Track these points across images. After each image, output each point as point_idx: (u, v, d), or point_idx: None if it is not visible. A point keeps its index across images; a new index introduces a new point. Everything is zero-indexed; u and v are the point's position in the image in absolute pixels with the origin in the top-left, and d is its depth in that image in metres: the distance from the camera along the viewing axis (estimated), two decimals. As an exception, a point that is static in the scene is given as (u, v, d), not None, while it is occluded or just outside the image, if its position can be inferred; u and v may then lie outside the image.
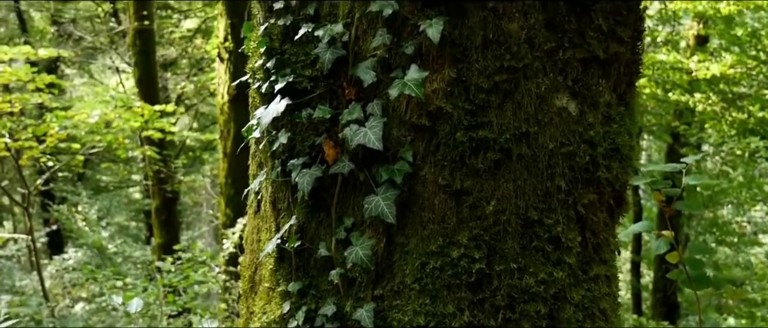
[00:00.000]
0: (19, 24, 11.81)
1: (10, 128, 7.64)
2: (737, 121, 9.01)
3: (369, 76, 1.56)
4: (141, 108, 8.08)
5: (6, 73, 7.51)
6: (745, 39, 8.69)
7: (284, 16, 1.66)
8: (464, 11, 1.54)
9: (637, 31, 1.72)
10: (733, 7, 7.60)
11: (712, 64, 8.30)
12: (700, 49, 9.35)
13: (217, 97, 7.94)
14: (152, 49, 9.39)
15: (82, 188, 11.71)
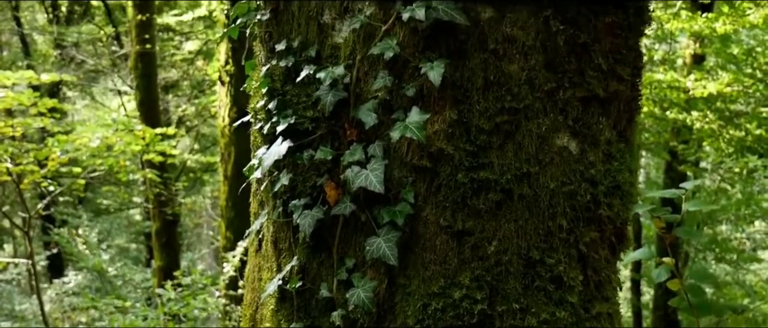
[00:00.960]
0: (22, 47, 11.88)
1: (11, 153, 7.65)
2: (735, 139, 9.03)
3: (370, 119, 1.57)
4: (142, 131, 8.11)
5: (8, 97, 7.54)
6: (741, 57, 8.73)
7: (286, 58, 1.68)
8: (465, 53, 1.55)
9: (637, 69, 1.74)
10: (729, 26, 7.64)
11: (709, 83, 8.33)
12: (696, 68, 9.38)
13: (218, 120, 7.96)
14: (154, 72, 9.44)
15: (83, 210, 11.71)
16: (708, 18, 7.74)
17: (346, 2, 1.60)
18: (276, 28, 1.71)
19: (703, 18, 7.76)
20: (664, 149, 10.63)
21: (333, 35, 1.63)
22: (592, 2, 1.58)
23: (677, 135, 10.06)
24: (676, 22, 7.83)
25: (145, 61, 9.14)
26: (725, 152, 8.98)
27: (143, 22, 9.02)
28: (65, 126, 8.21)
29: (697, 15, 7.86)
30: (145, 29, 9.09)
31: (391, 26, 1.56)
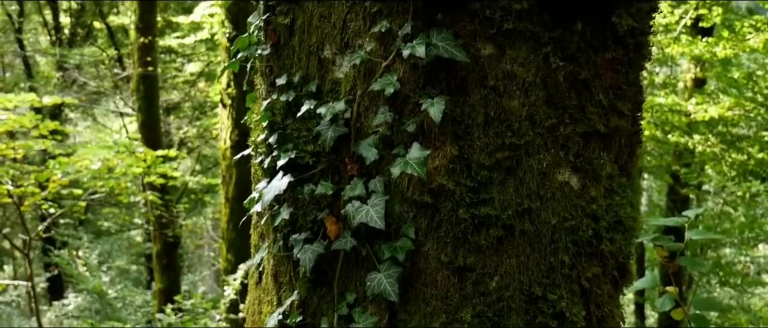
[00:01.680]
0: (25, 69, 11.95)
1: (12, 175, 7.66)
2: (737, 163, 9.02)
3: (371, 154, 1.57)
4: (143, 153, 8.12)
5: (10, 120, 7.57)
6: (742, 81, 8.76)
7: (286, 93, 1.68)
8: (465, 89, 1.55)
9: (637, 103, 1.74)
10: (730, 50, 7.66)
11: (710, 107, 8.35)
12: (697, 91, 9.41)
13: (220, 143, 7.98)
14: (155, 94, 9.48)
15: (83, 231, 11.69)
16: (708, 42, 7.78)
17: (347, 38, 1.61)
18: (277, 63, 1.72)
19: (704, 42, 7.79)
20: (666, 172, 10.63)
21: (333, 70, 1.63)
22: (592, 38, 1.59)
23: (679, 158, 10.07)
24: (677, 46, 7.86)
25: (147, 83, 9.19)
26: (728, 176, 8.97)
27: (145, 45, 9.08)
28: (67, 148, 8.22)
29: (697, 39, 7.90)
30: (147, 52, 9.15)
31: (391, 62, 1.56)
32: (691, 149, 9.16)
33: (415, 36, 1.52)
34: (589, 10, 1.56)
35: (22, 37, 11.85)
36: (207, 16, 8.11)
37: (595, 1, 1.56)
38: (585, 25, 1.57)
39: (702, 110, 8.28)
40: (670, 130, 9.03)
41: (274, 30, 1.70)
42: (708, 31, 8.91)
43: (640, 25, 1.65)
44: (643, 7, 1.64)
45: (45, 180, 7.73)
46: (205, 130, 11.47)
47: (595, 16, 1.58)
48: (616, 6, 1.58)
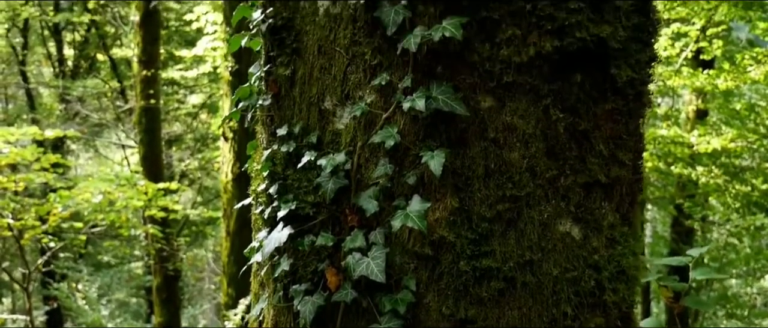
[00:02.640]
0: (28, 101, 12.02)
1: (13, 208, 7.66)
2: (741, 194, 8.99)
3: (371, 206, 1.56)
4: (145, 186, 8.12)
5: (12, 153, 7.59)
6: (744, 113, 8.77)
7: (287, 143, 1.68)
8: (465, 141, 1.55)
9: (638, 152, 1.73)
10: (731, 83, 7.69)
11: (712, 138, 8.35)
12: (699, 123, 9.43)
13: (221, 176, 7.98)
14: (158, 127, 9.52)
15: (83, 264, 11.64)
16: (709, 75, 7.81)
17: (347, 90, 1.61)
18: (278, 113, 1.72)
19: (705, 75, 7.82)
20: (670, 203, 10.59)
21: (334, 121, 1.64)
22: (592, 90, 1.59)
23: (683, 189, 10.04)
24: (678, 78, 7.89)
25: (149, 116, 9.23)
26: (732, 207, 8.93)
27: (148, 78, 9.14)
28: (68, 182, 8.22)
29: (698, 72, 7.93)
30: (149, 85, 9.20)
31: (391, 114, 1.56)
32: (694, 181, 9.14)
33: (415, 89, 1.52)
34: (587, 62, 1.57)
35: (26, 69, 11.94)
36: (210, 49, 8.17)
37: (593, 54, 1.56)
38: (584, 77, 1.58)
39: (705, 142, 8.27)
40: (673, 162, 9.02)
41: (275, 80, 1.71)
42: (709, 63, 8.95)
43: (640, 75, 1.65)
44: (641, 57, 1.65)
45: (46, 213, 7.72)
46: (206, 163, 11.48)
47: (594, 67, 1.58)
48: (614, 57, 1.59)
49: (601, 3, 1.55)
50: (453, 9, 1.51)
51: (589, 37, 1.54)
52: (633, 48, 1.62)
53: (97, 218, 8.43)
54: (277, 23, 1.67)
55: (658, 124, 9.09)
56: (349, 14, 1.58)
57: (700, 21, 7.46)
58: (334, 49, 1.61)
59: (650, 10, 1.68)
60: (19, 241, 7.66)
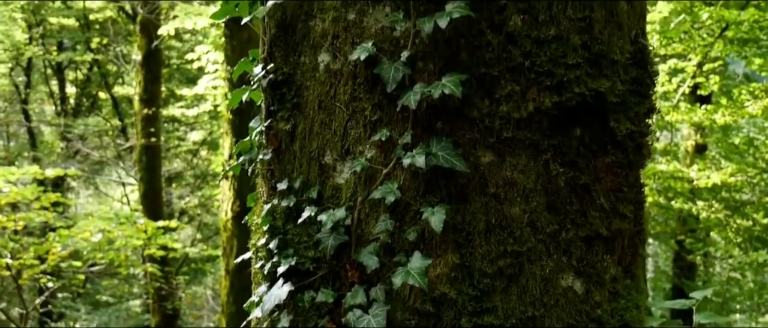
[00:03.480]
0: (29, 139, 12.06)
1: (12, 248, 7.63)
2: (743, 229, 8.96)
3: (372, 262, 1.55)
4: (144, 225, 8.10)
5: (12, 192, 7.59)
6: (743, 148, 8.79)
7: (287, 198, 1.68)
8: (466, 197, 1.55)
9: (639, 203, 1.73)
10: (729, 118, 7.72)
11: (712, 173, 8.35)
12: (699, 157, 9.44)
13: (221, 214, 7.96)
14: (158, 165, 9.54)
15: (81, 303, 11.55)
16: (707, 110, 7.84)
17: (347, 144, 1.61)
18: (278, 167, 1.72)
19: (703, 110, 7.85)
20: (671, 238, 10.55)
21: (334, 176, 1.64)
22: (591, 143, 1.59)
23: (684, 224, 10.00)
24: (676, 113, 7.92)
25: (150, 154, 9.26)
26: (734, 242, 8.90)
27: (149, 116, 9.19)
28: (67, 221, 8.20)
29: (696, 107, 7.97)
30: (150, 123, 9.25)
31: (392, 169, 1.56)
32: (695, 215, 9.12)
33: (415, 145, 1.52)
34: (587, 116, 1.57)
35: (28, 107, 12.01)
36: (210, 88, 8.23)
37: (592, 108, 1.57)
38: (584, 131, 1.58)
39: (704, 177, 8.27)
40: (673, 197, 9.01)
41: (275, 135, 1.71)
42: (706, 98, 9.01)
43: (639, 127, 1.66)
44: (640, 110, 1.66)
45: (44, 253, 7.69)
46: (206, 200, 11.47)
47: (594, 121, 1.59)
48: (613, 111, 1.59)
49: (599, 58, 1.56)
50: (452, 65, 1.53)
51: (588, 92, 1.55)
52: (632, 101, 1.63)
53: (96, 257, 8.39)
54: (277, 78, 1.68)
55: (657, 159, 9.11)
56: (349, 70, 1.59)
57: (697, 57, 7.52)
58: (334, 105, 1.62)
59: (648, 63, 1.69)
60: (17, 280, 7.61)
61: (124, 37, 11.61)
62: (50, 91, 12.37)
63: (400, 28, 1.52)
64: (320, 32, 1.63)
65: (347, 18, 1.60)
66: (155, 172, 9.49)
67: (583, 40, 1.54)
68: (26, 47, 10.95)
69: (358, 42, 1.58)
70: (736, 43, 7.08)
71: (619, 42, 1.60)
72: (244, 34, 6.55)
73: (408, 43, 1.54)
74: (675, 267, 10.58)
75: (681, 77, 7.97)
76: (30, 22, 11.18)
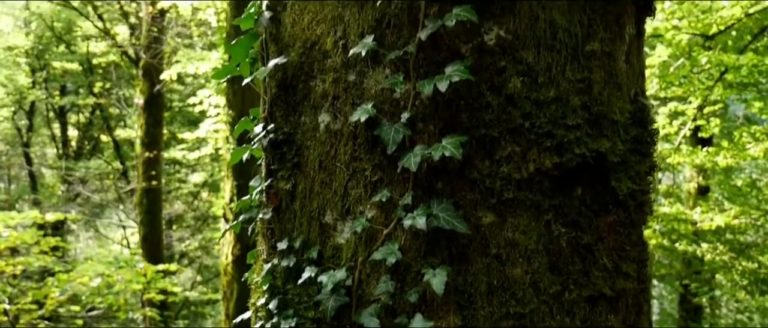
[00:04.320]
0: (30, 182, 12.07)
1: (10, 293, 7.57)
2: (748, 271, 8.89)
3: (373, 324, 1.53)
4: (144, 269, 8.05)
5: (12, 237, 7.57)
6: (746, 189, 8.77)
7: (287, 257, 1.66)
8: (467, 258, 1.53)
9: (642, 262, 1.71)
10: (730, 160, 7.72)
11: (716, 215, 8.32)
12: (702, 199, 9.42)
13: (221, 258, 7.91)
14: (159, 208, 9.52)
15: (80, 348, 11.39)
16: (709, 152, 7.85)
17: (348, 204, 1.61)
18: (278, 226, 1.71)
19: (704, 152, 7.86)
20: (676, 280, 10.46)
21: (335, 236, 1.62)
22: (593, 203, 1.58)
23: (689, 266, 9.93)
24: (678, 156, 7.93)
25: (151, 197, 9.25)
26: (739, 284, 8.82)
27: (150, 159, 9.21)
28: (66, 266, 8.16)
29: (697, 149, 7.98)
30: (152, 166, 9.26)
31: (392, 230, 1.55)
32: (700, 257, 9.06)
33: (416, 206, 1.52)
34: (588, 177, 1.57)
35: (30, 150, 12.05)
36: (212, 132, 8.26)
37: (593, 168, 1.56)
38: (585, 191, 1.57)
39: (708, 219, 8.24)
40: (677, 239, 8.96)
41: (275, 194, 1.71)
42: (708, 140, 9.03)
43: (640, 186, 1.65)
44: (641, 168, 1.65)
45: (43, 297, 7.63)
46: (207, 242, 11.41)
47: (595, 181, 1.58)
48: (614, 170, 1.59)
49: (599, 118, 1.57)
50: (452, 126, 1.53)
51: (589, 153, 1.54)
52: (633, 160, 1.62)
53: (95, 301, 8.32)
54: (278, 138, 1.69)
55: (660, 201, 9.08)
56: (350, 131, 1.60)
57: (697, 100, 7.56)
58: (334, 165, 1.62)
59: (648, 121, 1.70)
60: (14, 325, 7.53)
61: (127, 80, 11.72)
62: (52, 135, 12.42)
63: (400, 89, 1.53)
64: (321, 93, 1.64)
65: (347, 79, 1.60)
66: (156, 215, 9.47)
67: (582, 101, 1.55)
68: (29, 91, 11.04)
69: (358, 103, 1.58)
70: (735, 86, 7.13)
71: (618, 102, 1.60)
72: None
73: (408, 104, 1.54)
74: (681, 309, 10.47)
75: (681, 120, 8.01)
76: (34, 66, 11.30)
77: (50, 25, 11.09)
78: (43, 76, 11.56)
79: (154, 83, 8.97)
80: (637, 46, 1.75)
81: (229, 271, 7.71)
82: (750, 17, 6.95)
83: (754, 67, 6.57)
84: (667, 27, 7.00)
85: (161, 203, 9.68)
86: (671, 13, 7.00)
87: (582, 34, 1.58)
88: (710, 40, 7.26)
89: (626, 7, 1.67)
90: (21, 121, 12.21)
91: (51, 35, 11.24)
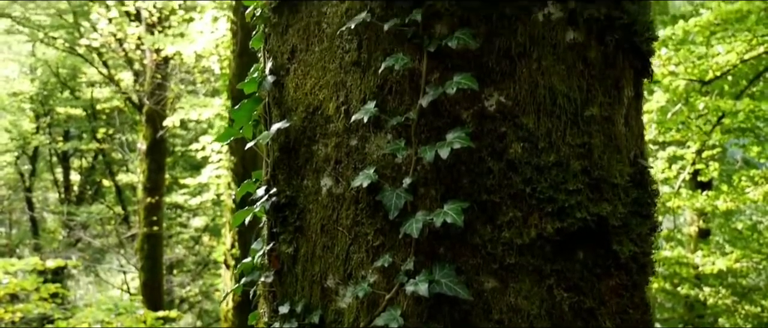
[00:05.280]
0: (31, 227, 12.05)
1: (8, 343, 7.49)
2: (751, 315, 8.80)
3: (375, 391, 1.52)
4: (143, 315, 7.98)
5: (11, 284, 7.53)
6: (747, 233, 8.75)
7: (289, 321, 1.66)
8: (470, 324, 1.53)
9: (645, 324, 1.70)
10: (730, 204, 7.72)
11: (717, 259, 8.28)
12: (703, 242, 9.38)
13: (222, 305, 7.86)
14: (159, 254, 9.49)
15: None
16: (708, 196, 7.86)
17: (350, 269, 1.61)
18: (280, 289, 1.71)
19: (704, 196, 7.87)
20: (679, 323, 10.34)
21: (336, 300, 1.62)
22: (595, 267, 1.59)
23: (691, 310, 9.83)
24: (678, 200, 7.93)
25: (152, 242, 9.23)
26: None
27: (152, 205, 9.22)
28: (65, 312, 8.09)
29: (697, 193, 7.99)
30: (153, 211, 9.27)
31: (394, 295, 1.55)
32: (702, 301, 8.98)
33: (417, 271, 1.52)
34: (589, 241, 1.57)
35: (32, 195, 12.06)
36: (214, 177, 8.29)
37: (594, 232, 1.57)
38: (587, 255, 1.58)
39: (709, 263, 8.20)
40: (679, 283, 8.91)
41: (277, 257, 1.71)
42: (707, 183, 9.04)
43: (642, 248, 1.66)
44: (642, 230, 1.66)
45: (41, 345, 7.55)
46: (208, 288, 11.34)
47: (596, 245, 1.58)
48: (616, 234, 1.60)
49: (600, 182, 1.58)
50: (454, 192, 1.54)
51: (590, 217, 1.55)
52: (634, 223, 1.63)
53: (93, 349, 8.22)
54: (280, 201, 1.70)
55: (661, 245, 9.05)
56: (352, 195, 1.61)
57: (695, 144, 7.60)
58: (336, 229, 1.63)
59: (648, 183, 1.71)
60: (11, 376, 7.44)
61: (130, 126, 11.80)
62: (55, 179, 12.46)
63: (402, 155, 1.55)
64: (323, 157, 1.66)
65: (350, 144, 1.62)
66: (156, 260, 9.44)
67: (583, 166, 1.56)
68: (33, 136, 11.11)
69: (360, 167, 1.60)
70: (733, 131, 7.18)
71: (618, 165, 1.62)
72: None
73: (410, 169, 1.56)
74: (685, 355, 10.31)
75: (681, 164, 8.03)
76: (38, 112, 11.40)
77: (56, 72, 11.23)
78: (47, 122, 11.65)
79: (156, 129, 9.04)
80: (635, 108, 1.77)
81: (230, 318, 7.64)
82: (745, 63, 7.04)
83: (751, 113, 6.63)
84: (663, 73, 7.08)
85: (162, 248, 9.65)
86: (668, 59, 7.08)
87: (581, 99, 1.60)
88: (707, 85, 7.33)
89: (624, 71, 1.70)
90: (24, 166, 12.26)
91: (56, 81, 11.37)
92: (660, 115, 7.13)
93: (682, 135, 7.25)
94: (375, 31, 1.61)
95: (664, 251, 8.45)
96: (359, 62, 1.63)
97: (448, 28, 1.56)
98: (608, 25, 1.64)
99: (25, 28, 11.29)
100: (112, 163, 12.02)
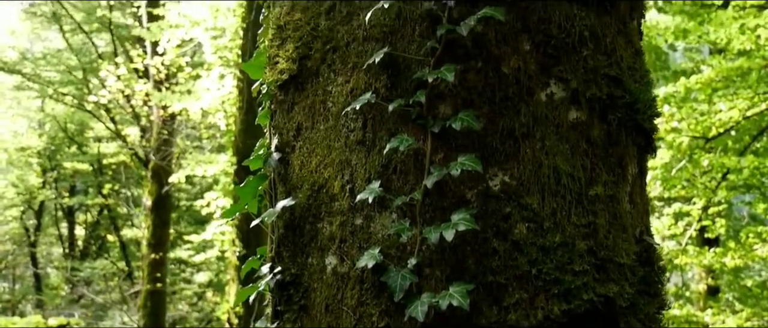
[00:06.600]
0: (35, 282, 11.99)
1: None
2: (766, 375, 8.60)
3: None
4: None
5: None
6: (756, 290, 8.63)
7: (293, 402, 1.63)
8: None
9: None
10: (739, 261, 7.64)
11: (727, 317, 8.15)
12: (712, 299, 9.25)
13: (224, 364, 7.73)
14: (163, 311, 9.40)
15: None
16: (716, 252, 7.78)
17: (355, 350, 1.59)
18: (283, 369, 1.68)
19: (712, 253, 7.80)
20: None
21: (341, 382, 1.60)
22: None
23: (703, 369, 9.62)
24: (685, 257, 7.86)
25: (155, 299, 9.15)
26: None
27: (156, 261, 9.18)
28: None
29: (705, 250, 7.92)
30: (157, 268, 9.22)
31: (400, 378, 1.53)
32: (715, 361, 8.79)
33: (423, 354, 1.50)
34: (597, 321, 1.55)
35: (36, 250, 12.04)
36: (218, 234, 8.27)
37: (602, 313, 1.55)
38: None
39: (719, 321, 8.07)
40: (690, 342, 8.73)
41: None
42: (715, 240, 8.97)
43: (651, 327, 1.64)
44: (650, 309, 1.64)
45: None
46: (210, 346, 11.18)
47: (604, 325, 1.56)
48: (623, 315, 1.58)
49: (606, 262, 1.57)
50: (459, 273, 1.53)
51: (597, 298, 1.54)
52: (641, 302, 1.61)
53: None
54: (285, 279, 1.69)
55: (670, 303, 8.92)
56: (357, 275, 1.60)
57: (701, 201, 7.57)
58: (341, 309, 1.61)
59: (654, 260, 1.70)
60: None
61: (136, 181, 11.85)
62: (59, 234, 12.45)
63: (407, 235, 1.54)
64: (328, 235, 1.66)
65: (354, 223, 1.63)
66: (159, 317, 9.34)
67: (588, 246, 1.56)
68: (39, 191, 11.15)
69: (365, 247, 1.60)
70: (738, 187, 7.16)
71: (624, 244, 1.61)
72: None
73: (415, 249, 1.55)
74: None
75: (687, 220, 7.99)
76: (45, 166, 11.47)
77: (64, 127, 11.36)
78: (54, 176, 11.72)
79: (162, 185, 9.07)
80: (640, 185, 1.77)
81: (232, 378, 7.51)
82: (748, 119, 7.07)
83: (755, 169, 6.62)
84: (667, 129, 7.11)
85: (165, 305, 9.56)
86: (670, 116, 7.12)
87: (585, 178, 1.61)
88: (710, 141, 7.35)
89: (628, 149, 1.71)
90: (29, 221, 12.27)
91: (64, 136, 11.49)
92: (664, 172, 7.13)
93: (687, 192, 7.23)
94: (380, 111, 1.63)
95: (674, 309, 8.33)
96: (364, 141, 1.64)
97: (451, 108, 1.58)
98: (610, 104, 1.66)
99: (34, 85, 11.48)
100: (117, 218, 12.03)
